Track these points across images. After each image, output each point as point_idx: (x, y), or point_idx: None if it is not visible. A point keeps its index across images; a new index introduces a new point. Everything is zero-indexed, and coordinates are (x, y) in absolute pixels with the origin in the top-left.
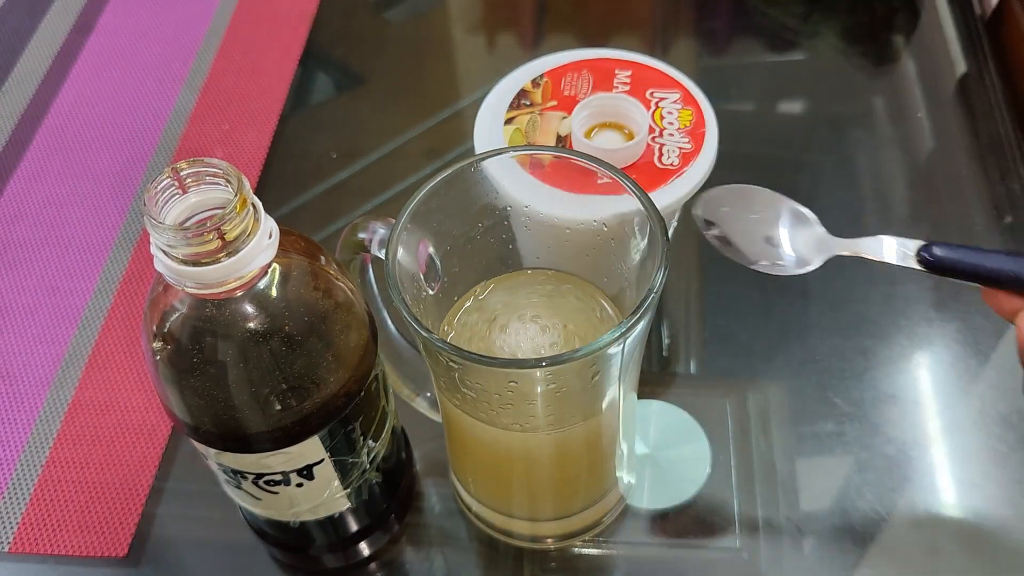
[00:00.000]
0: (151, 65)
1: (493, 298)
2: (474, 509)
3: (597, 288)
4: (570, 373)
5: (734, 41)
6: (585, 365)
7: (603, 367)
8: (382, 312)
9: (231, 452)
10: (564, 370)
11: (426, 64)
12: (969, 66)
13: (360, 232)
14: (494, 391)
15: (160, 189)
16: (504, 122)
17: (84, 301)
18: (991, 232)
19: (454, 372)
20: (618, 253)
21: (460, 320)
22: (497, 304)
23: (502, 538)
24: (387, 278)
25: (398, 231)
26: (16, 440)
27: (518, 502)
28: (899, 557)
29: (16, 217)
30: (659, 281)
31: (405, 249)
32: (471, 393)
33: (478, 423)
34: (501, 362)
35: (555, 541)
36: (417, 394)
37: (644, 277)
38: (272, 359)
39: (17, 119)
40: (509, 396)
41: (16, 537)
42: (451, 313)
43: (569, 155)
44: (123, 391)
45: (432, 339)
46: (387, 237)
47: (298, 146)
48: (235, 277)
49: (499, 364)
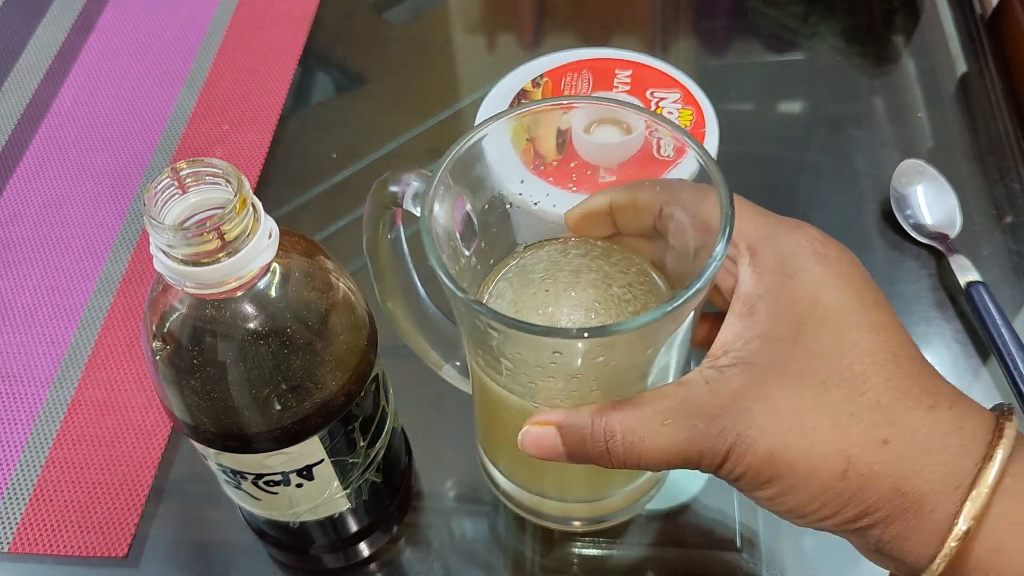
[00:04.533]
0: (151, 65)
1: (534, 263)
2: (502, 486)
3: (642, 256)
4: (623, 346)
5: (734, 41)
6: (640, 337)
7: (658, 339)
8: (410, 272)
9: (231, 452)
10: (617, 342)
11: (426, 64)
12: (969, 66)
13: (392, 184)
14: (535, 363)
15: (160, 189)
16: None
17: (84, 301)
18: (991, 232)
19: (492, 341)
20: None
21: (498, 287)
22: (539, 270)
23: (530, 518)
24: (423, 234)
25: (435, 184)
26: (16, 440)
27: (552, 482)
28: None
29: (16, 217)
30: (721, 247)
31: (442, 205)
32: (509, 364)
33: (513, 396)
34: (552, 331)
35: (584, 524)
36: (444, 362)
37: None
38: (272, 359)
39: (17, 119)
40: (552, 369)
41: (16, 537)
42: (488, 278)
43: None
44: (123, 391)
45: (472, 303)
46: (422, 191)
47: (298, 146)
48: (235, 277)
49: (549, 333)
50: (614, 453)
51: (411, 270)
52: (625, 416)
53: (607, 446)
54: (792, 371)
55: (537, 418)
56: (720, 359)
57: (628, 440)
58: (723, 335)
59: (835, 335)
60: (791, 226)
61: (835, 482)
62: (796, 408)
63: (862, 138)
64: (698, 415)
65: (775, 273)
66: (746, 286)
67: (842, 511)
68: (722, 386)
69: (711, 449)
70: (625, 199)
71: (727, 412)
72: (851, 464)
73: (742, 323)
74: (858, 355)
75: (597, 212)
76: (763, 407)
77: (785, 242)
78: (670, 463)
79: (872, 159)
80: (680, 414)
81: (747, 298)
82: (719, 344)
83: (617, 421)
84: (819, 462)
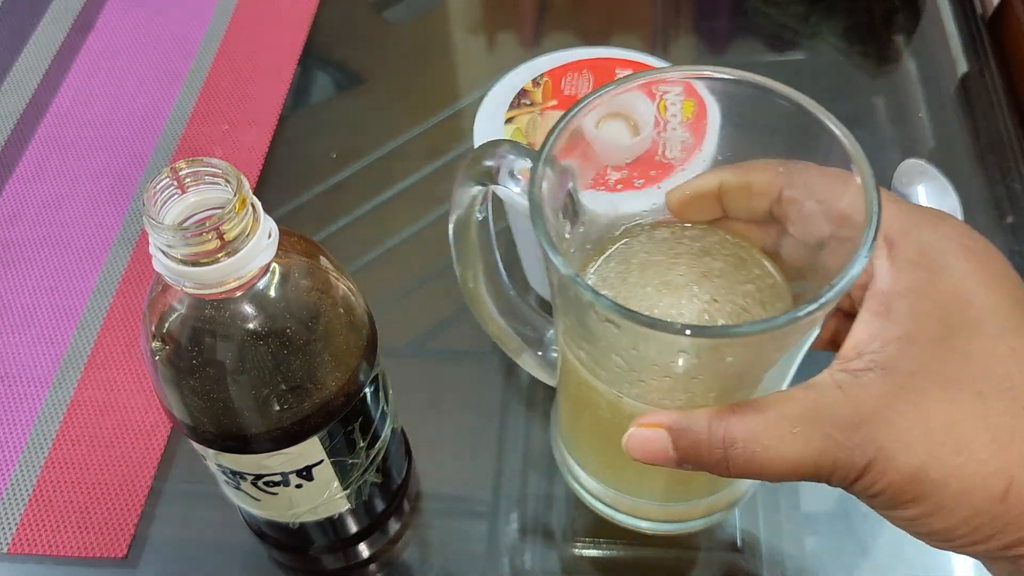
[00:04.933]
0: (151, 65)
1: (634, 250)
2: (582, 481)
3: (750, 243)
4: (755, 346)
5: (734, 40)
6: (777, 337)
7: (792, 340)
8: (495, 254)
9: (230, 453)
10: (753, 342)
11: (426, 64)
12: (970, 65)
13: (486, 159)
14: (654, 361)
15: (159, 189)
16: (504, 122)
17: (83, 301)
18: (993, 232)
19: (605, 336)
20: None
21: (599, 273)
22: (639, 257)
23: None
24: (532, 212)
25: (544, 158)
26: (15, 441)
27: (648, 487)
28: (900, 556)
29: (15, 217)
30: (869, 243)
31: (548, 182)
32: (620, 360)
33: (614, 392)
34: (700, 330)
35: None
36: (522, 350)
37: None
38: (271, 359)
39: (16, 118)
40: (672, 368)
41: (15, 538)
42: (585, 264)
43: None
44: (122, 391)
45: (590, 293)
46: (517, 165)
47: (298, 146)
48: (234, 277)
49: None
50: (733, 462)
51: (496, 252)
52: (747, 422)
53: (726, 454)
54: (942, 378)
55: (645, 419)
56: (853, 362)
57: (750, 448)
58: (856, 335)
59: (990, 340)
60: (934, 216)
61: (993, 505)
62: (949, 420)
63: (863, 138)
64: (832, 424)
65: (917, 268)
66: (883, 282)
67: (997, 536)
68: (859, 392)
69: (847, 462)
70: (738, 180)
71: (866, 422)
72: (1013, 485)
73: (879, 322)
74: (1017, 363)
75: (704, 194)
76: (910, 418)
77: (928, 234)
78: (797, 475)
79: (873, 159)
80: (811, 422)
81: (884, 295)
82: (851, 345)
83: (738, 427)
84: (975, 482)
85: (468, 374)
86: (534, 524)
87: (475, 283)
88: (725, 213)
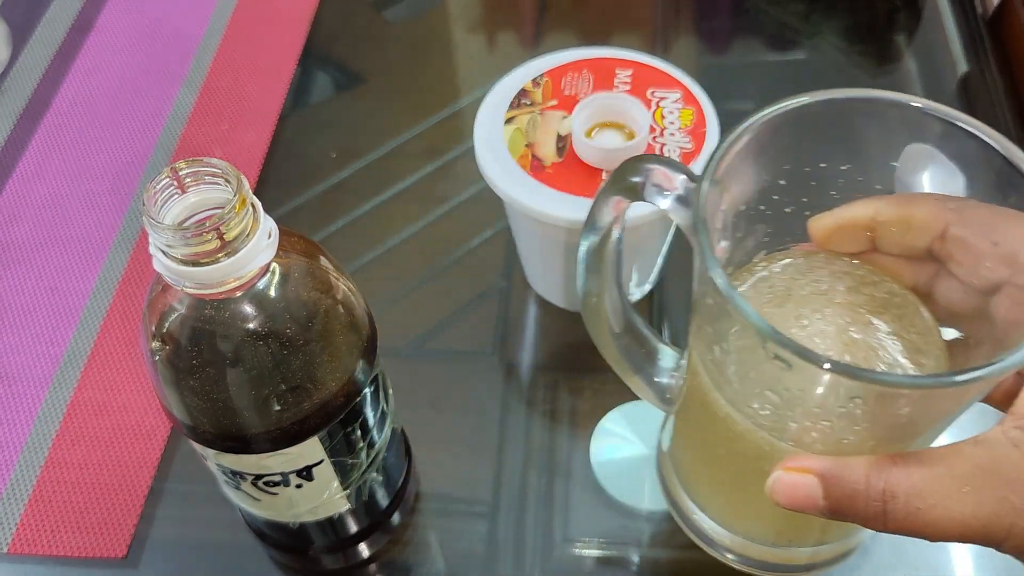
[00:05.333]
0: (150, 64)
1: (776, 280)
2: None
3: (900, 281)
4: (930, 399)
5: (735, 40)
6: (972, 389)
7: (981, 393)
8: (620, 273)
9: (230, 453)
10: (935, 394)
11: (426, 64)
12: (970, 65)
13: (633, 175)
14: (818, 404)
15: (159, 189)
16: (504, 121)
17: (83, 301)
18: None
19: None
20: None
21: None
22: (781, 287)
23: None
24: (698, 231)
25: (709, 177)
26: (15, 441)
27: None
28: (901, 556)
29: (15, 217)
30: None
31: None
32: (776, 398)
33: (755, 430)
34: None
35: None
36: (636, 372)
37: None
38: (271, 359)
39: (16, 118)
40: (839, 412)
41: (15, 538)
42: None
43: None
44: (122, 391)
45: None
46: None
47: (298, 146)
48: (234, 277)
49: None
50: (892, 517)
51: (621, 271)
52: (911, 475)
53: (884, 507)
54: None
55: (794, 463)
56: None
57: (912, 505)
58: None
59: None
60: None
61: None
62: None
63: None
64: (1008, 485)
65: None
66: None
67: None
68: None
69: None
70: (896, 213)
71: None
72: None
73: None
74: None
75: (854, 224)
76: None
77: None
78: (963, 537)
79: None
80: (983, 481)
81: None
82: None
83: (902, 481)
84: None
85: (468, 374)
86: (534, 524)
87: (599, 299)
88: (874, 246)
